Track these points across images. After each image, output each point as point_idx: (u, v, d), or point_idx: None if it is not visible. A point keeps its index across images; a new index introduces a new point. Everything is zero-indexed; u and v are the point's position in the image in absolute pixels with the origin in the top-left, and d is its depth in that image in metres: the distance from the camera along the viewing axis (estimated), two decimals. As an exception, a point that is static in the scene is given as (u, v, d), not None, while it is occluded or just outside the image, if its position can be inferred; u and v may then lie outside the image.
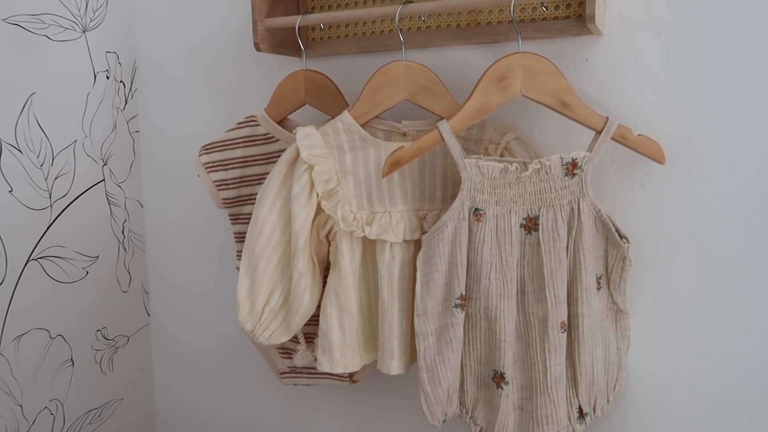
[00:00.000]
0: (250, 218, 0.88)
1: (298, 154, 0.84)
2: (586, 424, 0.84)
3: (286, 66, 1.05)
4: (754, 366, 0.82)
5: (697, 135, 0.81)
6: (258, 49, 0.94)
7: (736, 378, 0.83)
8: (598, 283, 0.83)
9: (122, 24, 1.18)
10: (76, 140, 1.11)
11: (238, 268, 0.91)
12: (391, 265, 0.85)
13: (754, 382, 0.82)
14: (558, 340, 0.80)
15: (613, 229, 0.80)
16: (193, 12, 1.14)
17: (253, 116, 0.97)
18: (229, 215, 1.00)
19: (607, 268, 0.83)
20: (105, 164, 1.17)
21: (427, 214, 0.87)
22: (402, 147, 0.81)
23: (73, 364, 1.14)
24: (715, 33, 0.79)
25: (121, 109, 1.20)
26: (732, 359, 0.83)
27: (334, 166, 0.85)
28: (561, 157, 0.78)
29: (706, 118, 0.81)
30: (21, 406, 1.06)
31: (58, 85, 1.08)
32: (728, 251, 0.81)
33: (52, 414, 1.11)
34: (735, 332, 0.82)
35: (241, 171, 0.98)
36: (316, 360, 0.89)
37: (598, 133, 0.79)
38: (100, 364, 1.19)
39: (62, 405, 1.13)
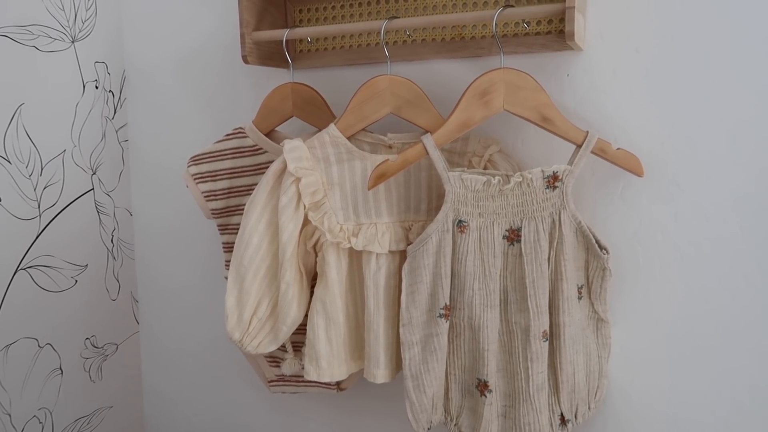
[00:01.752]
0: (238, 228, 0.89)
1: (285, 167, 0.85)
2: (568, 430, 0.86)
3: (273, 77, 1.06)
4: (731, 372, 0.84)
5: (674, 147, 0.83)
6: (246, 61, 0.95)
7: (714, 384, 0.85)
8: (579, 293, 0.85)
9: (111, 34, 1.19)
10: (65, 150, 1.12)
11: (226, 278, 0.92)
12: (377, 275, 0.86)
13: (731, 389, 0.84)
14: (540, 348, 0.82)
15: (594, 241, 0.82)
16: (181, 23, 1.15)
17: (240, 128, 0.99)
18: (218, 225, 1.01)
19: (587, 278, 0.85)
20: (94, 173, 1.18)
21: (412, 225, 0.89)
22: (387, 160, 0.82)
23: (61, 373, 1.14)
24: (692, 48, 0.81)
25: (110, 118, 1.20)
26: (710, 366, 0.85)
27: (320, 178, 0.87)
28: (542, 171, 0.80)
29: (683, 131, 0.83)
30: (9, 415, 1.06)
31: (47, 95, 1.09)
32: (705, 260, 0.84)
33: (40, 422, 1.11)
34: (712, 339, 0.84)
35: (230, 182, 0.99)
36: (303, 369, 0.91)
37: (579, 146, 0.81)
38: (89, 372, 1.19)
39: (51, 413, 1.13)
